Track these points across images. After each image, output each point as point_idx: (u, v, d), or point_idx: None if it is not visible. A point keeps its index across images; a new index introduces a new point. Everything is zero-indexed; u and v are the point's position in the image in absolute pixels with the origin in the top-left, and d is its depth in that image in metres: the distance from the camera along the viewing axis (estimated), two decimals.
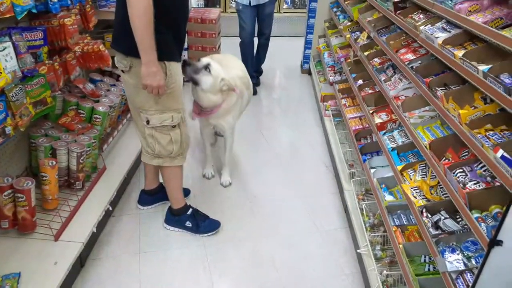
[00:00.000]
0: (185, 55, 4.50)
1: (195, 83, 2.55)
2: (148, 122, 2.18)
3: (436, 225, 1.74)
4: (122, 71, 2.12)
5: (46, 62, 2.22)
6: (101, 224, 2.43)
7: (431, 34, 2.07)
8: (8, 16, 1.88)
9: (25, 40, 2.05)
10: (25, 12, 1.99)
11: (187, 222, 2.53)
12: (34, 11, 2.09)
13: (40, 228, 2.12)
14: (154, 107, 2.13)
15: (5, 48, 1.83)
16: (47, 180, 2.19)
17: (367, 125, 2.92)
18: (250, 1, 4.47)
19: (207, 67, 2.54)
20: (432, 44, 2.05)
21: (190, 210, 2.56)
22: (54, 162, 2.22)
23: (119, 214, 2.65)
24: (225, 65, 2.77)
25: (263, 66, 5.18)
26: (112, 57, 2.82)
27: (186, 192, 2.83)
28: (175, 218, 2.55)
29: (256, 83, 4.98)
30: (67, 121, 2.54)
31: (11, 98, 1.90)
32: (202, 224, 2.54)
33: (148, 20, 1.83)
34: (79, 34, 2.61)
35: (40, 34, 2.16)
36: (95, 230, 2.25)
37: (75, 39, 2.53)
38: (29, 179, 2.05)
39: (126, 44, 1.96)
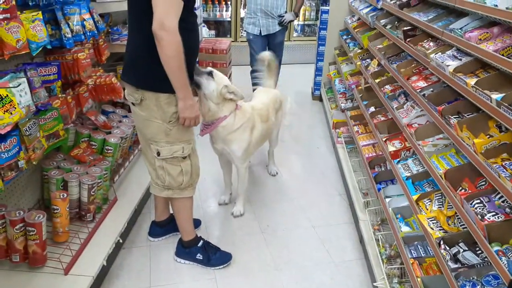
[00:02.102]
0: None
1: (198, 85, 2.44)
2: (158, 154, 2.17)
3: (455, 258, 1.67)
4: (133, 103, 2.12)
5: (60, 95, 2.26)
6: (112, 257, 2.39)
7: (442, 62, 2.06)
8: (23, 52, 1.93)
9: (40, 75, 2.09)
10: (40, 48, 2.04)
11: (198, 255, 2.48)
12: (49, 47, 2.14)
13: (50, 261, 2.10)
14: (165, 139, 2.13)
15: (20, 84, 1.86)
16: (58, 213, 2.19)
17: (380, 153, 2.88)
18: (260, 31, 4.55)
19: (210, 73, 2.48)
20: (443, 72, 2.03)
21: (201, 242, 2.51)
22: (66, 195, 2.22)
23: (129, 246, 2.62)
24: (255, 97, 3.12)
25: None
26: (124, 89, 2.88)
27: (197, 223, 2.80)
28: (186, 250, 2.51)
29: None
30: (79, 153, 2.56)
31: (25, 132, 1.92)
32: (213, 256, 2.49)
33: (180, 59, 1.86)
34: (92, 67, 2.66)
35: (54, 69, 2.21)
36: (105, 263, 2.23)
37: (88, 72, 2.58)
38: (40, 212, 2.05)
39: (137, 77, 2.00)
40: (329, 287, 2.39)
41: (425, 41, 2.47)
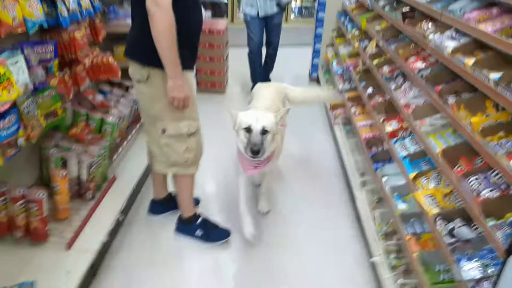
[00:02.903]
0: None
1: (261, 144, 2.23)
2: (164, 131, 2.17)
3: (451, 233, 1.72)
4: (138, 81, 2.11)
5: (57, 74, 2.25)
6: (113, 233, 2.43)
7: (441, 43, 2.07)
8: (20, 31, 1.91)
9: (37, 54, 2.09)
10: (37, 27, 2.02)
11: (198, 231, 2.52)
12: (46, 25, 2.12)
13: (53, 237, 2.13)
14: (171, 116, 2.13)
15: (17, 62, 1.86)
16: (58, 190, 2.20)
17: (377, 133, 2.91)
18: (258, 13, 4.51)
19: (264, 131, 2.24)
20: (442, 53, 2.04)
21: (200, 218, 2.56)
22: (65, 173, 2.23)
23: (130, 223, 2.65)
24: (257, 95, 2.79)
25: (271, 75, 5.20)
26: (122, 69, 2.86)
27: (196, 202, 2.84)
28: (186, 226, 2.55)
29: None
30: (77, 132, 2.57)
31: (23, 110, 1.93)
32: (213, 232, 2.54)
33: (172, 36, 1.86)
34: (88, 47, 2.64)
35: (51, 48, 2.19)
36: (106, 239, 2.26)
37: (85, 52, 2.57)
38: (41, 189, 2.06)
39: (145, 55, 1.99)
40: (326, 262, 2.44)
41: (424, 22, 2.47)
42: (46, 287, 1.89)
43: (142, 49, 1.99)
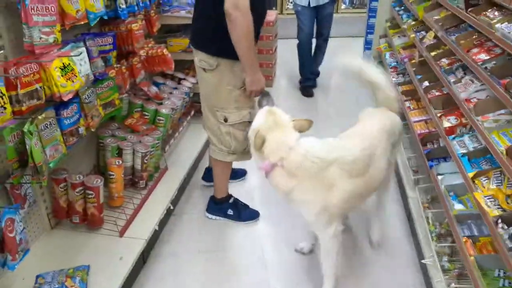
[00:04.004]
0: None
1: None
2: (226, 120, 2.26)
3: None
4: (205, 70, 2.18)
5: (115, 66, 2.32)
6: (163, 222, 2.50)
7: (509, 33, 1.93)
8: (82, 22, 1.98)
9: (97, 45, 2.16)
10: (98, 19, 2.10)
11: (229, 210, 2.62)
12: (106, 17, 2.19)
13: (107, 224, 2.23)
14: (233, 104, 2.21)
15: (81, 53, 1.93)
16: (114, 178, 2.29)
17: (433, 129, 2.77)
18: (309, 2, 4.43)
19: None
20: (510, 43, 1.90)
21: (232, 198, 2.65)
22: (121, 162, 2.32)
23: (179, 213, 2.72)
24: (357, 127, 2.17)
25: (321, 68, 5.11)
26: (175, 61, 2.92)
27: (243, 173, 3.05)
28: (217, 206, 2.64)
29: (312, 85, 4.93)
30: (132, 122, 2.65)
31: (84, 100, 2.01)
32: (243, 212, 2.63)
33: (251, 37, 1.96)
34: (144, 39, 2.71)
35: (110, 40, 2.26)
36: (157, 228, 2.33)
37: (141, 44, 2.63)
38: (98, 177, 2.16)
39: (215, 46, 2.10)
40: (375, 262, 2.38)
41: (490, 10, 2.32)
42: (100, 271, 1.98)
43: (212, 40, 2.09)
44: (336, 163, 1.82)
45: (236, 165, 3.06)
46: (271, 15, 4.94)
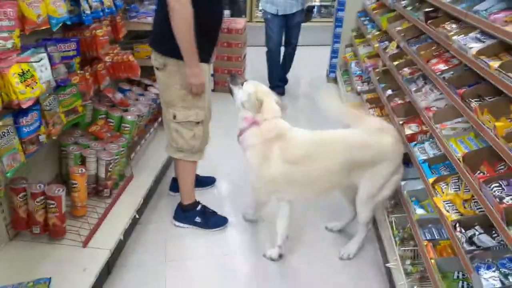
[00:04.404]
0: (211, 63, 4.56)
1: (231, 92, 2.44)
2: (174, 117, 2.32)
3: (470, 241, 1.67)
4: (157, 68, 2.28)
5: (78, 72, 2.27)
6: (128, 232, 2.45)
7: (465, 45, 2.02)
8: (44, 28, 1.93)
9: (59, 51, 2.11)
10: (60, 24, 2.05)
11: (197, 218, 2.62)
12: (69, 23, 2.15)
13: (70, 234, 2.16)
14: (181, 103, 2.28)
15: (41, 59, 1.88)
16: (76, 187, 2.23)
17: None
18: (278, 11, 4.49)
19: (243, 83, 2.38)
20: (465, 55, 1.99)
21: (200, 206, 2.65)
22: (84, 170, 2.26)
23: (145, 222, 2.68)
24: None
25: (289, 75, 5.18)
26: (141, 67, 2.89)
27: (212, 180, 3.10)
28: (185, 214, 2.64)
29: (281, 92, 4.98)
30: (96, 129, 2.60)
31: (45, 107, 1.95)
32: (211, 219, 2.64)
33: (190, 28, 2.02)
34: (109, 45, 2.67)
35: (73, 45, 2.22)
36: (122, 238, 2.28)
37: (106, 50, 2.59)
38: (60, 186, 2.10)
39: (164, 45, 2.17)
40: (341, 267, 2.42)
41: (447, 23, 2.42)
42: (62, 284, 1.91)
43: (161, 40, 2.17)
44: (281, 142, 2.19)
45: (205, 172, 3.06)
46: (239, 22, 4.97)
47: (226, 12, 7.04)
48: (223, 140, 3.29)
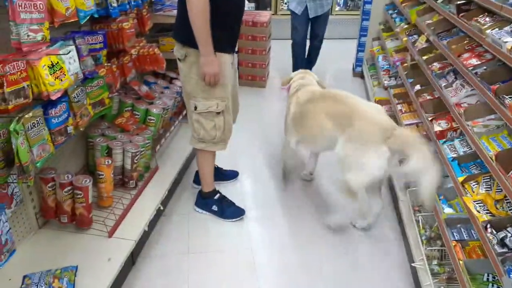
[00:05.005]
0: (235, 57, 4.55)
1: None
2: (195, 108, 2.34)
3: (502, 242, 1.61)
4: (179, 59, 2.31)
5: (105, 64, 2.29)
6: (152, 223, 2.48)
7: (499, 38, 1.94)
8: (72, 20, 1.96)
9: (87, 43, 2.13)
10: (88, 17, 2.07)
11: (214, 206, 2.67)
12: (96, 15, 2.17)
13: (96, 224, 2.20)
14: (201, 94, 2.30)
15: (70, 52, 1.91)
16: (103, 178, 2.26)
17: (424, 133, 2.78)
18: (307, 11, 4.46)
19: None
20: (500, 49, 1.91)
21: (218, 195, 2.70)
22: (110, 161, 2.29)
23: (169, 214, 2.70)
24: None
25: (314, 69, 5.11)
26: (166, 60, 2.91)
27: (235, 174, 3.12)
28: (203, 201, 2.70)
29: None
30: (122, 121, 2.63)
31: (73, 99, 1.98)
32: (228, 209, 2.67)
33: (205, 17, 2.04)
34: (135, 38, 2.69)
35: (100, 38, 2.24)
36: (146, 229, 2.30)
37: (132, 42, 2.61)
38: (87, 176, 2.13)
39: (184, 36, 2.19)
40: (366, 265, 2.38)
41: (481, 16, 2.33)
42: (88, 272, 1.95)
43: (182, 30, 2.19)
44: (299, 93, 2.74)
45: (229, 166, 3.07)
46: (264, 15, 4.93)
47: (251, 5, 7.03)
48: (247, 134, 3.30)
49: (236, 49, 2.50)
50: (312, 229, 2.64)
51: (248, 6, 6.85)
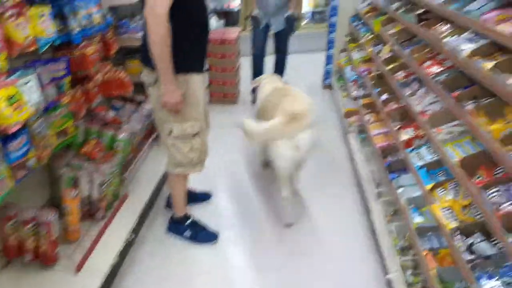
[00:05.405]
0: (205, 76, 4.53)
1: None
2: (171, 132, 2.28)
3: (470, 249, 1.62)
4: (149, 84, 2.25)
5: (69, 92, 2.25)
6: (123, 253, 2.39)
7: (457, 46, 1.98)
8: (32, 49, 1.91)
9: (49, 72, 2.09)
10: (48, 45, 2.02)
11: (186, 231, 2.63)
12: (57, 42, 2.12)
13: (62, 260, 2.12)
14: (175, 117, 2.24)
15: (28, 82, 1.86)
16: (69, 211, 2.19)
17: (393, 142, 2.82)
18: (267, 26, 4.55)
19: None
20: (458, 56, 1.96)
21: (190, 219, 2.64)
22: (76, 193, 2.22)
23: (142, 241, 2.62)
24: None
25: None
26: (134, 83, 2.87)
27: (207, 196, 3.05)
28: (176, 226, 2.66)
29: None
30: (89, 149, 2.55)
31: (34, 131, 1.92)
32: (201, 234, 2.63)
33: (165, 46, 1.98)
34: (100, 62, 2.65)
35: (63, 65, 2.20)
36: (117, 260, 2.23)
37: (97, 67, 2.56)
38: (51, 210, 2.06)
39: (152, 61, 2.10)
40: (340, 278, 2.36)
41: (440, 24, 2.39)
42: None
43: (149, 55, 2.09)
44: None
45: (202, 185, 3.03)
46: (233, 32, 4.95)
47: (220, 23, 7.04)
48: (219, 151, 3.27)
49: (207, 67, 2.48)
50: (289, 248, 2.61)
51: (217, 23, 6.87)
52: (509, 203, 1.46)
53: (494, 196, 1.54)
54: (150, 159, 3.22)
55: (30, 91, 1.87)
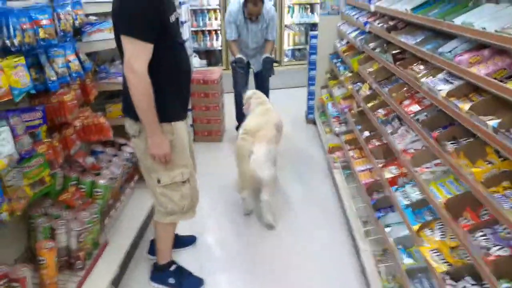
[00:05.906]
0: (189, 116, 4.51)
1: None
2: (159, 181, 2.22)
3: None
4: (132, 135, 2.20)
5: (45, 140, 2.19)
6: None
7: (434, 86, 2.01)
8: (6, 99, 1.86)
9: (24, 121, 2.03)
10: (23, 95, 1.98)
11: (170, 279, 2.51)
12: (33, 92, 2.09)
13: None
14: (163, 166, 2.18)
15: (0, 134, 1.81)
16: (45, 264, 2.09)
17: (378, 178, 2.81)
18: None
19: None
20: (435, 96, 1.99)
21: (174, 266, 2.54)
22: (52, 244, 2.13)
23: None
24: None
25: None
26: (115, 127, 2.83)
27: (193, 239, 2.96)
28: (159, 274, 2.54)
29: None
30: (67, 197, 2.47)
31: (7, 183, 1.85)
32: (185, 281, 2.52)
33: (148, 99, 1.96)
34: (79, 108, 2.61)
35: (39, 114, 2.15)
36: None
37: (75, 114, 2.52)
38: (25, 266, 1.96)
39: (135, 111, 2.05)
40: None
41: (415, 64, 2.44)
42: None
43: (133, 106, 2.04)
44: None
45: (186, 226, 2.93)
46: (215, 72, 4.99)
47: (203, 62, 7.13)
48: (204, 191, 3.18)
49: (190, 106, 2.46)
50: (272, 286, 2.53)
51: (199, 63, 6.95)
52: (497, 248, 1.44)
53: (482, 240, 1.52)
54: (131, 203, 3.13)
55: (2, 143, 1.82)
